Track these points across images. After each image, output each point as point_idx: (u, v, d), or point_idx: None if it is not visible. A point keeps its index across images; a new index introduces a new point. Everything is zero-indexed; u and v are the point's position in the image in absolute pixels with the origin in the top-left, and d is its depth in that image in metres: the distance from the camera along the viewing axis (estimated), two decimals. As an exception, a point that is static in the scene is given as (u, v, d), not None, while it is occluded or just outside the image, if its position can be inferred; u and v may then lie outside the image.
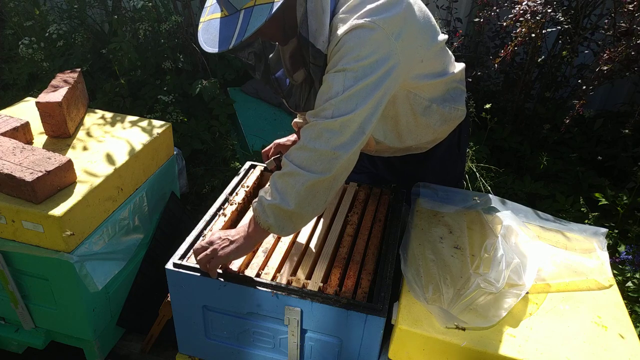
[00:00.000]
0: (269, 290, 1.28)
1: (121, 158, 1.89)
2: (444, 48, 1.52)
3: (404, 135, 1.57)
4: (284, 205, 1.25)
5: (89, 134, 2.06)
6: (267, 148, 1.82)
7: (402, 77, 1.35)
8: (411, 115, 1.52)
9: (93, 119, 2.19)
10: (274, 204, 1.26)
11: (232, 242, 1.31)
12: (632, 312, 2.17)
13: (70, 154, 1.90)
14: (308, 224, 1.53)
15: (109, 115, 2.24)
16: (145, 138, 2.04)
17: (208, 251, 1.31)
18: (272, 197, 1.28)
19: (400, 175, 1.81)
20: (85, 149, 1.95)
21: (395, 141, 1.59)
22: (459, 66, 1.60)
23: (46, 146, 1.94)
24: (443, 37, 1.48)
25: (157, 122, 2.18)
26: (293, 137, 1.85)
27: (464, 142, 1.78)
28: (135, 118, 2.22)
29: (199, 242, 1.36)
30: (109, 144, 1.98)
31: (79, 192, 1.68)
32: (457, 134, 1.72)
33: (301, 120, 1.82)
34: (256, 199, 1.33)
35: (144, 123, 2.17)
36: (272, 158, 1.75)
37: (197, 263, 1.33)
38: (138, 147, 1.97)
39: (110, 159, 1.88)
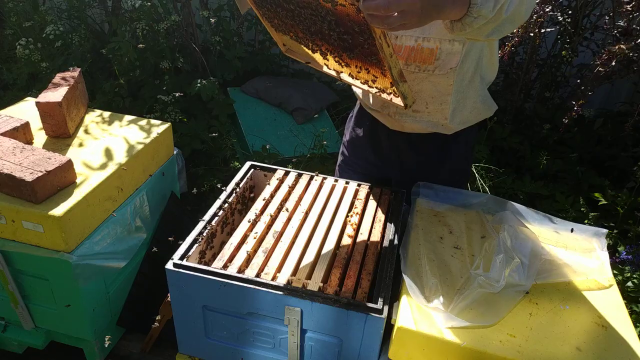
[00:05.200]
0: (269, 290, 1.29)
1: (121, 158, 1.89)
2: None
3: (466, 76, 1.55)
4: None
5: (89, 134, 2.06)
6: None
7: None
8: (473, 66, 1.54)
9: (93, 119, 2.19)
10: None
11: None
12: (632, 312, 2.18)
13: (70, 154, 1.90)
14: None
15: (109, 115, 2.24)
16: (145, 138, 2.04)
17: None
18: None
19: (411, 166, 1.79)
20: (85, 149, 1.95)
21: (462, 74, 1.53)
22: None
23: (46, 146, 1.94)
24: None
25: (157, 122, 2.18)
26: None
27: (473, 147, 1.82)
28: (135, 118, 2.22)
29: None
30: (109, 144, 1.98)
31: (79, 192, 1.68)
32: (472, 138, 1.76)
33: None
34: None
35: (144, 123, 2.17)
36: None
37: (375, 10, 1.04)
38: (138, 147, 1.97)
39: (110, 159, 1.88)
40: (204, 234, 1.49)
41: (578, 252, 1.48)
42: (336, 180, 1.80)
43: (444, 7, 1.12)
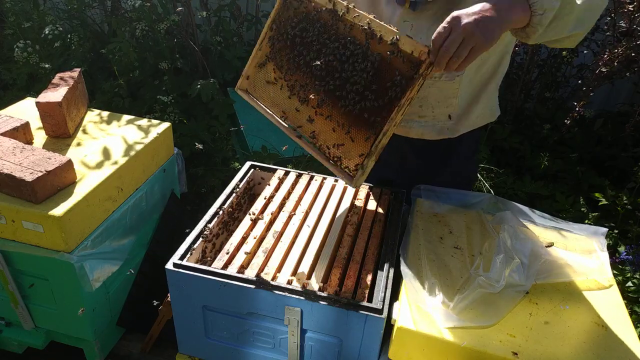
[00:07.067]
0: (269, 290, 1.29)
1: (121, 158, 1.89)
2: None
3: (476, 78, 1.56)
4: None
5: (89, 134, 2.06)
6: None
7: None
8: (489, 72, 1.55)
9: (93, 119, 2.19)
10: None
11: (491, 10, 1.08)
12: (632, 312, 2.18)
13: (70, 154, 1.90)
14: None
15: (108, 115, 2.24)
16: (145, 138, 2.04)
17: (470, 21, 1.06)
18: None
19: (412, 168, 1.79)
20: (85, 148, 1.95)
21: (477, 79, 1.55)
22: None
23: (46, 146, 1.94)
24: None
25: (157, 122, 2.18)
26: None
27: (476, 153, 1.82)
28: (135, 118, 2.22)
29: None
30: (109, 144, 1.98)
31: (79, 192, 1.68)
32: (476, 140, 1.76)
33: None
34: None
35: (144, 123, 2.17)
36: None
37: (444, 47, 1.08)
38: (138, 147, 1.97)
39: (110, 159, 1.88)
40: (204, 234, 1.49)
41: (578, 252, 1.48)
42: (336, 181, 1.80)
43: (504, 18, 1.09)
